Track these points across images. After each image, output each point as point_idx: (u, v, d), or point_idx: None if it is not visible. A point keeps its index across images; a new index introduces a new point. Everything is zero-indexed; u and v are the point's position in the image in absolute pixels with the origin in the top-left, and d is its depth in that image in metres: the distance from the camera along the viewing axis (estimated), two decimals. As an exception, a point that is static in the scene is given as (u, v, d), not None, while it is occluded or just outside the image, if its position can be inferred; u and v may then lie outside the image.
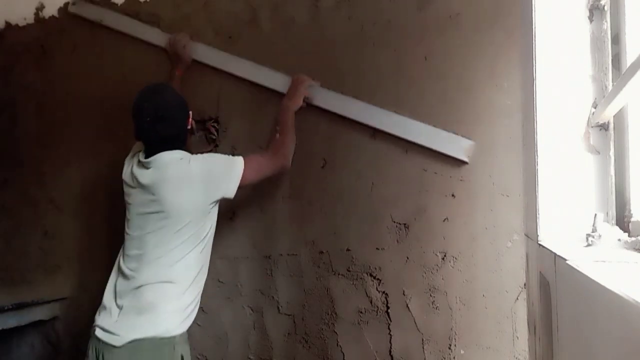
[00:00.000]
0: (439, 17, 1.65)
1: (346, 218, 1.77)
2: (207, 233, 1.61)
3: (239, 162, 1.60)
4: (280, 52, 1.91)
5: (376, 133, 1.74)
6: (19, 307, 2.10)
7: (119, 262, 1.63)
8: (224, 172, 1.58)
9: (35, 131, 2.41)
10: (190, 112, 1.69)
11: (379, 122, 1.70)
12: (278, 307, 1.87)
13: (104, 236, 2.21)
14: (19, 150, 2.44)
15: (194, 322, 1.63)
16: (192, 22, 2.09)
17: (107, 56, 2.27)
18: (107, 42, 2.27)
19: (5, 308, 2.04)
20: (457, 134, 1.61)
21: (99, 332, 1.51)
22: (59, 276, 2.28)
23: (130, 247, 1.60)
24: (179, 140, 1.63)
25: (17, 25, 2.49)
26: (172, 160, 1.58)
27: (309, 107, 1.80)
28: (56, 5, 2.39)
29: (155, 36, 2.14)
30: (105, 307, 1.56)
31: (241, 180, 1.58)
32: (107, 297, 1.59)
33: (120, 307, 1.54)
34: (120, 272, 1.60)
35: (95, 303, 2.07)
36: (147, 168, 1.59)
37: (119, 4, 2.25)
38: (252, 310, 1.91)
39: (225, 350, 1.94)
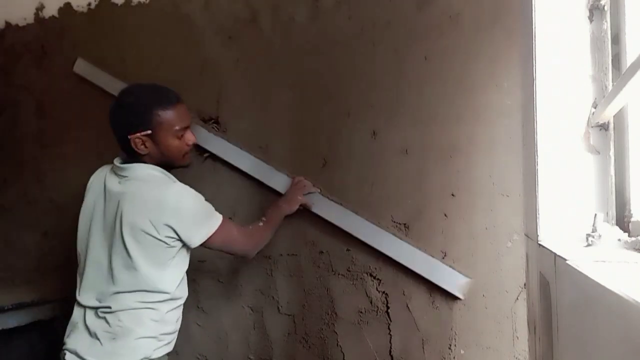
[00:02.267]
0: (439, 17, 1.65)
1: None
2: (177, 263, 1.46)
3: (216, 218, 1.46)
4: (280, 52, 1.91)
5: (376, 133, 1.74)
6: (19, 307, 2.10)
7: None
8: (195, 218, 1.42)
9: (35, 131, 2.41)
10: (147, 131, 1.42)
11: (378, 243, 1.68)
12: (278, 307, 1.87)
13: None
14: (19, 150, 2.44)
15: (194, 322, 1.63)
16: (192, 22, 2.09)
17: (107, 56, 2.27)
18: (107, 41, 2.27)
19: (5, 308, 2.04)
20: (456, 270, 1.59)
21: (70, 358, 1.41)
22: (59, 276, 2.28)
23: (93, 267, 1.51)
24: (130, 151, 1.45)
25: (17, 25, 2.49)
26: (145, 178, 1.43)
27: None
28: (56, 5, 2.39)
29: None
30: (75, 328, 1.46)
31: (207, 240, 1.43)
32: (76, 316, 1.49)
33: (89, 330, 1.43)
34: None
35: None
36: (120, 177, 1.47)
37: (119, 4, 2.25)
38: (252, 310, 1.91)
39: (225, 350, 1.94)
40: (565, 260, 0.80)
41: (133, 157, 1.46)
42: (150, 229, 1.37)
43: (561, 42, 1.11)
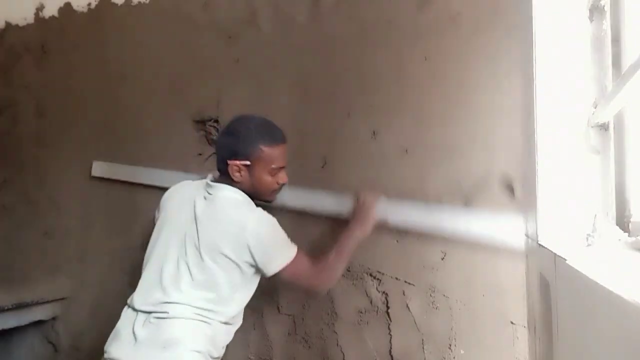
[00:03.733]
0: (439, 17, 1.65)
1: (346, 218, 1.77)
2: (245, 286, 1.47)
3: (292, 249, 1.46)
4: (280, 52, 1.91)
5: (376, 133, 1.74)
6: (19, 307, 2.11)
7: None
8: (274, 246, 1.44)
9: (35, 131, 2.41)
10: (253, 163, 1.46)
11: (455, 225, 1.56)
12: (278, 307, 1.86)
13: (104, 236, 2.21)
14: (19, 150, 2.44)
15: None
16: (192, 22, 2.09)
17: (107, 56, 2.27)
18: (107, 41, 2.27)
19: (5, 308, 2.05)
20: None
21: None
22: (59, 276, 2.28)
23: (153, 276, 1.46)
24: (225, 173, 1.49)
25: (17, 25, 2.49)
26: (230, 200, 1.46)
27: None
28: (56, 5, 2.40)
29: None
30: (119, 335, 1.42)
31: (282, 269, 1.43)
32: (123, 323, 1.44)
33: (137, 337, 1.39)
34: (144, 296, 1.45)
35: (95, 303, 2.08)
36: (207, 193, 1.49)
37: (119, 4, 2.25)
38: (252, 310, 1.91)
39: (226, 350, 1.94)
40: (565, 260, 0.80)
41: (225, 179, 1.50)
42: (229, 251, 1.39)
43: (561, 42, 1.11)
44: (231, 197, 1.48)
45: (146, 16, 2.19)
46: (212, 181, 1.51)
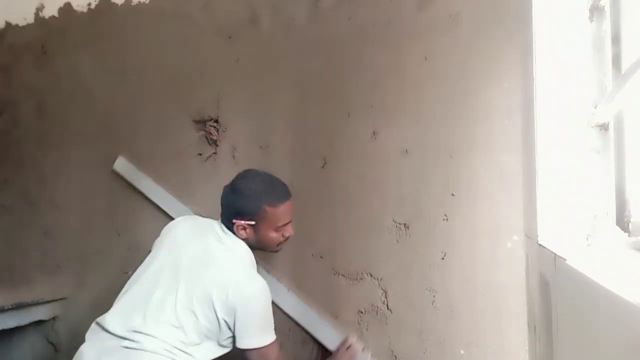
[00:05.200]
0: (439, 17, 1.65)
1: (346, 218, 1.77)
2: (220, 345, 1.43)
3: (271, 336, 1.44)
4: (280, 52, 1.91)
5: (376, 133, 1.74)
6: (19, 307, 2.10)
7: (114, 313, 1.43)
8: (256, 324, 1.41)
9: (35, 131, 2.41)
10: (258, 223, 1.46)
11: None
12: (278, 307, 1.86)
13: (104, 236, 2.21)
14: (19, 150, 2.44)
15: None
16: (192, 22, 2.09)
17: (107, 56, 2.27)
18: (107, 41, 2.27)
19: (5, 308, 2.04)
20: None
21: None
22: (59, 276, 2.28)
23: (139, 299, 1.42)
24: (230, 229, 1.49)
25: (17, 25, 2.49)
26: (240, 257, 1.47)
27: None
28: (56, 5, 2.40)
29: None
30: (83, 357, 1.36)
31: (248, 349, 1.40)
32: (91, 345, 1.39)
33: None
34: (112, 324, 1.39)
35: (95, 303, 2.07)
36: (220, 238, 1.48)
37: (119, 4, 2.25)
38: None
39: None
40: (565, 260, 0.80)
41: (231, 231, 1.50)
42: (218, 303, 1.37)
43: (561, 42, 1.11)
44: (242, 255, 1.48)
45: (146, 16, 2.19)
46: (224, 228, 1.50)
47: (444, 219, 1.63)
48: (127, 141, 2.20)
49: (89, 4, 2.32)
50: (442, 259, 1.62)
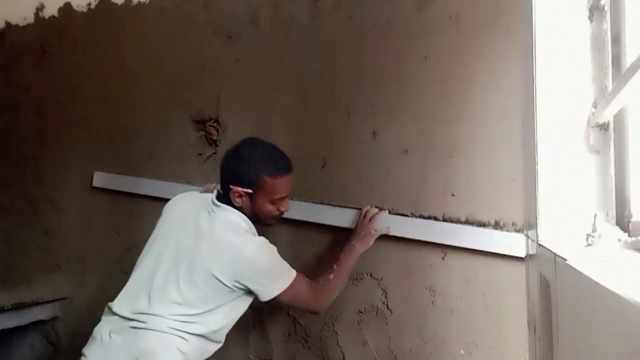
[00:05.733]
0: (439, 17, 1.65)
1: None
2: (231, 312, 1.45)
3: (289, 275, 1.45)
4: (280, 52, 1.91)
5: (376, 133, 1.74)
6: (19, 307, 2.11)
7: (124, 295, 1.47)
8: (269, 275, 1.42)
9: (35, 131, 2.41)
10: (256, 191, 1.45)
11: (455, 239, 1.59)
12: (278, 307, 1.86)
13: (104, 236, 2.21)
14: (19, 150, 2.44)
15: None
16: (192, 22, 2.09)
17: (107, 56, 2.27)
18: (107, 41, 2.27)
19: (5, 308, 2.05)
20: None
21: None
22: (59, 276, 2.28)
23: (142, 281, 1.45)
24: (227, 195, 1.47)
25: (17, 25, 2.49)
26: (232, 224, 1.45)
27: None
28: (56, 5, 2.40)
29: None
30: (95, 338, 1.42)
31: (279, 295, 1.42)
32: (101, 326, 1.44)
33: (112, 342, 1.38)
34: (123, 306, 1.43)
35: (95, 303, 2.07)
36: (211, 211, 1.48)
37: (119, 4, 2.25)
38: (252, 310, 1.91)
39: (225, 350, 1.94)
40: (565, 260, 0.80)
41: (227, 200, 1.48)
42: (221, 275, 1.38)
43: (561, 42, 1.11)
44: (234, 221, 1.46)
45: (146, 16, 2.19)
46: (217, 199, 1.50)
47: (443, 219, 1.63)
48: (126, 141, 2.20)
49: (89, 4, 2.32)
50: (442, 259, 1.62)
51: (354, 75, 1.78)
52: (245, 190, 1.45)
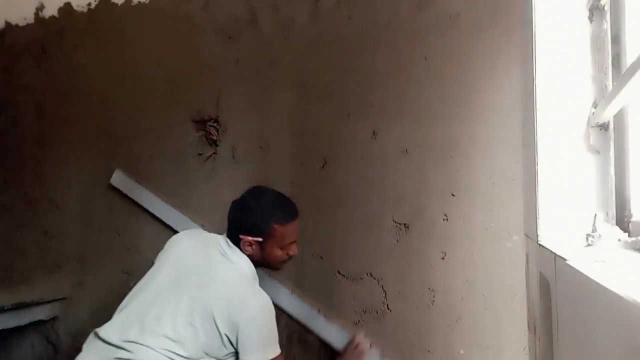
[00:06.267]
0: (439, 17, 1.65)
1: (346, 218, 1.77)
2: None
3: (275, 350, 1.42)
4: (280, 52, 1.91)
5: (376, 133, 1.74)
6: (19, 307, 2.10)
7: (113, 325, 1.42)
8: (259, 339, 1.39)
9: (35, 131, 2.41)
10: (265, 239, 1.46)
11: None
12: (282, 310, 1.86)
13: (104, 236, 2.21)
14: (19, 150, 2.44)
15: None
16: (192, 22, 2.09)
17: (107, 56, 2.27)
18: (107, 41, 2.27)
19: (5, 308, 2.04)
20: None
21: None
22: (59, 276, 2.28)
23: (137, 312, 1.41)
24: (236, 244, 1.49)
25: (17, 25, 2.49)
26: (243, 272, 1.46)
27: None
28: (56, 5, 2.39)
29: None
30: None
31: None
32: (86, 355, 1.38)
33: None
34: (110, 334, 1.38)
35: (95, 303, 2.07)
36: (224, 252, 1.48)
37: (119, 4, 2.25)
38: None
39: (225, 350, 1.94)
40: (565, 260, 0.80)
41: (237, 246, 1.49)
42: (219, 319, 1.36)
43: (561, 42, 1.10)
44: (246, 270, 1.47)
45: (146, 16, 2.19)
46: (228, 242, 1.50)
47: (444, 219, 1.63)
48: (126, 141, 2.20)
49: (89, 4, 2.32)
50: (442, 259, 1.62)
51: (354, 75, 1.78)
52: (255, 239, 1.47)
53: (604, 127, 1.07)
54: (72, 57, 2.34)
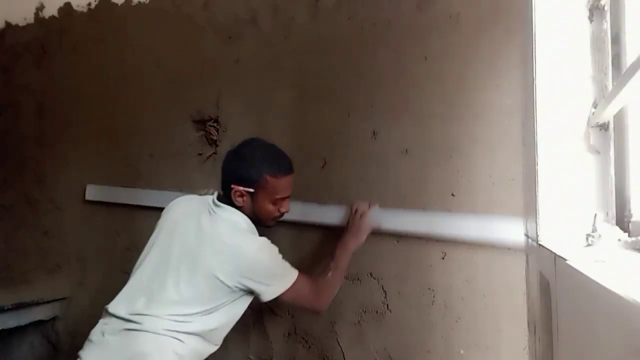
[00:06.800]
0: (439, 17, 1.65)
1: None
2: (230, 312, 1.44)
3: (290, 276, 1.44)
4: (280, 52, 1.91)
5: (376, 133, 1.74)
6: (19, 307, 2.11)
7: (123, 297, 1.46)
8: (270, 276, 1.42)
9: (35, 131, 2.41)
10: (258, 190, 1.45)
11: (457, 228, 1.56)
12: (278, 307, 1.86)
13: (104, 236, 2.21)
14: (19, 150, 2.44)
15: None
16: (192, 22, 2.09)
17: (107, 56, 2.27)
18: (107, 41, 2.27)
19: (5, 308, 2.05)
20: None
21: None
22: (59, 276, 2.28)
23: (141, 283, 1.44)
24: (227, 195, 1.48)
25: (17, 25, 2.49)
26: (233, 224, 1.45)
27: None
28: (56, 5, 2.40)
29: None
30: (91, 340, 1.41)
31: (281, 294, 1.42)
32: (98, 328, 1.43)
33: (107, 343, 1.37)
34: (120, 307, 1.42)
35: (95, 303, 2.07)
36: (212, 211, 1.48)
37: (119, 4, 2.25)
38: (252, 310, 1.91)
39: (225, 350, 1.94)
40: (565, 260, 0.80)
41: (227, 201, 1.49)
42: (223, 276, 1.37)
43: (561, 42, 1.10)
44: (234, 221, 1.46)
45: (146, 16, 2.19)
46: (217, 199, 1.50)
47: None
48: (126, 141, 2.20)
49: (89, 4, 2.32)
50: (442, 259, 1.62)
51: (354, 75, 1.78)
52: (246, 189, 1.46)
53: (604, 127, 1.07)
54: (72, 57, 2.34)
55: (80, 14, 2.34)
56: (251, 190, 1.46)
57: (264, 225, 1.55)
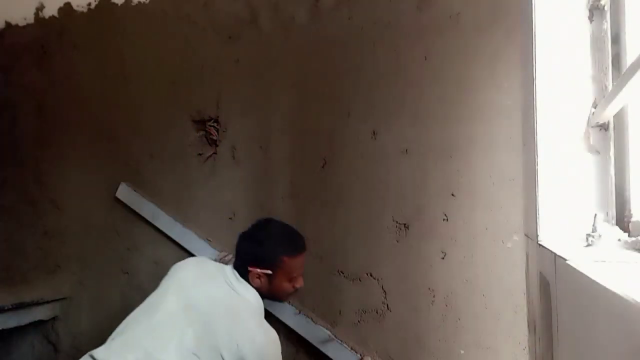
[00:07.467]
0: (439, 17, 1.65)
1: (346, 218, 1.77)
2: None
3: None
4: (280, 52, 1.91)
5: (376, 133, 1.74)
6: (19, 307, 2.10)
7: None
8: None
9: (35, 131, 2.41)
10: (271, 272, 1.47)
11: None
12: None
13: (104, 236, 2.21)
14: (19, 150, 2.44)
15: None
16: (192, 22, 2.09)
17: (107, 56, 2.27)
18: (107, 41, 2.27)
19: (5, 308, 2.04)
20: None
21: None
22: (59, 276, 2.28)
23: (139, 337, 1.39)
24: (244, 276, 1.48)
25: (17, 25, 2.49)
26: (253, 307, 1.45)
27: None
28: (56, 5, 2.39)
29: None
30: None
31: None
32: None
33: None
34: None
35: (95, 303, 2.07)
36: (232, 284, 1.47)
37: (119, 4, 2.25)
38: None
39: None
40: (565, 260, 0.80)
41: (244, 277, 1.49)
42: (227, 354, 1.35)
43: (561, 42, 1.10)
44: (254, 305, 1.46)
45: (146, 16, 2.19)
46: (236, 274, 1.48)
47: (444, 219, 1.63)
48: (126, 141, 2.20)
49: (89, 4, 2.32)
50: (442, 259, 1.62)
51: (354, 75, 1.78)
52: (264, 271, 1.47)
53: (604, 127, 1.07)
54: (72, 57, 2.34)
55: (80, 14, 2.34)
56: (269, 272, 1.47)
57: (279, 301, 1.58)
